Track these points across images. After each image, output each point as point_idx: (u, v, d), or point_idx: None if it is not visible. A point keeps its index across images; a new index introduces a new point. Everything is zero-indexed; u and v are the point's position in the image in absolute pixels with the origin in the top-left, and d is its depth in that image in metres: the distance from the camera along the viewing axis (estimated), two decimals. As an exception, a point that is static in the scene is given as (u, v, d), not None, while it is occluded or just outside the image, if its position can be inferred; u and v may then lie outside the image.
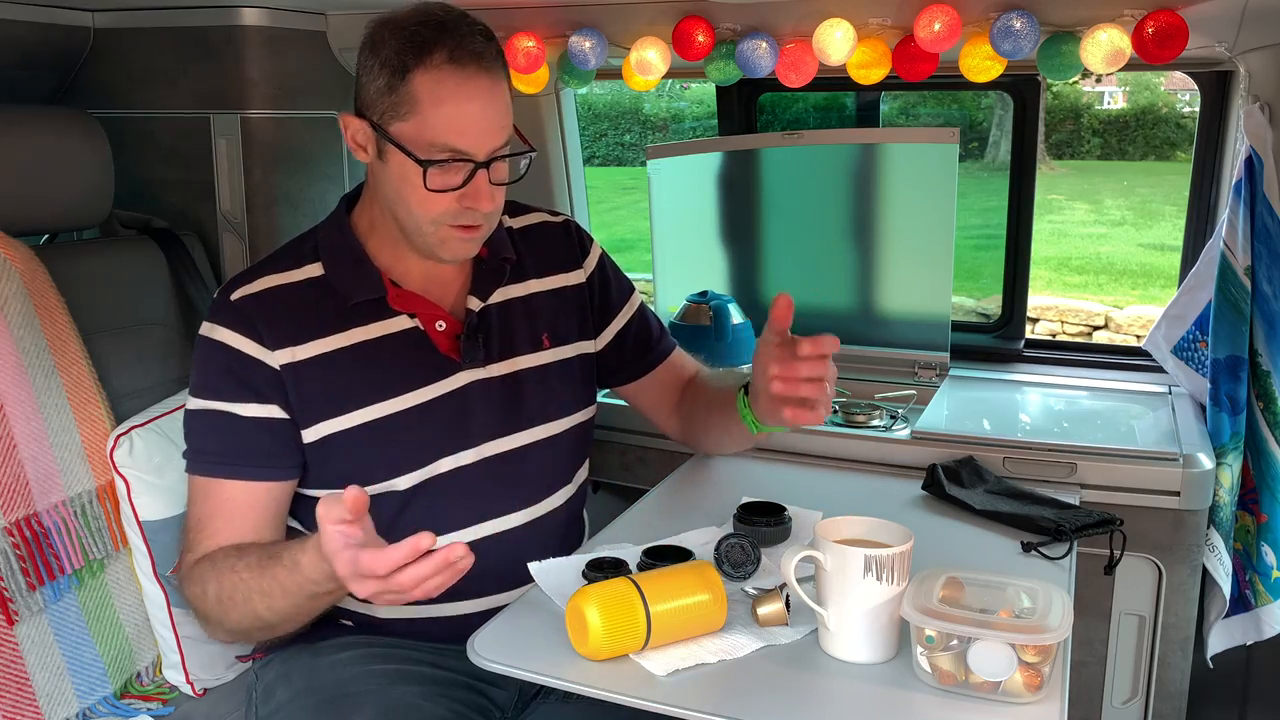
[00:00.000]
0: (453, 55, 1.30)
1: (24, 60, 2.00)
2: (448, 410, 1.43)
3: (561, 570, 1.30)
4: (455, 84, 1.30)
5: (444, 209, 1.34)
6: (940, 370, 2.22)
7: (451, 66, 1.30)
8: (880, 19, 1.79)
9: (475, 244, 1.42)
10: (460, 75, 1.30)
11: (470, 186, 1.33)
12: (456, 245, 1.39)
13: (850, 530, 1.17)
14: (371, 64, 1.33)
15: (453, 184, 1.32)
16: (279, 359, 1.37)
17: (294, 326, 1.39)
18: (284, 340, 1.38)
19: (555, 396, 1.53)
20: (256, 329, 1.37)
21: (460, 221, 1.36)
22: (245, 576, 1.28)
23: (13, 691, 1.45)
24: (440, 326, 1.44)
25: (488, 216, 1.38)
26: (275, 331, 1.38)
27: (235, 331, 1.37)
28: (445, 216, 1.35)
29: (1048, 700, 1.05)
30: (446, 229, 1.36)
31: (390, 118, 1.32)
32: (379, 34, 1.33)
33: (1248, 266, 1.81)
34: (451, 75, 1.30)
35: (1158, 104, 11.95)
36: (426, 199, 1.33)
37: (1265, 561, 1.84)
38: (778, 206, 2.42)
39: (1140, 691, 1.80)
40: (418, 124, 1.31)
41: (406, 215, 1.36)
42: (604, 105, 11.12)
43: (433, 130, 1.30)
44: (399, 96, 1.31)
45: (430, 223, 1.36)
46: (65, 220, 1.87)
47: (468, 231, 1.38)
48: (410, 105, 1.30)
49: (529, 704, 1.46)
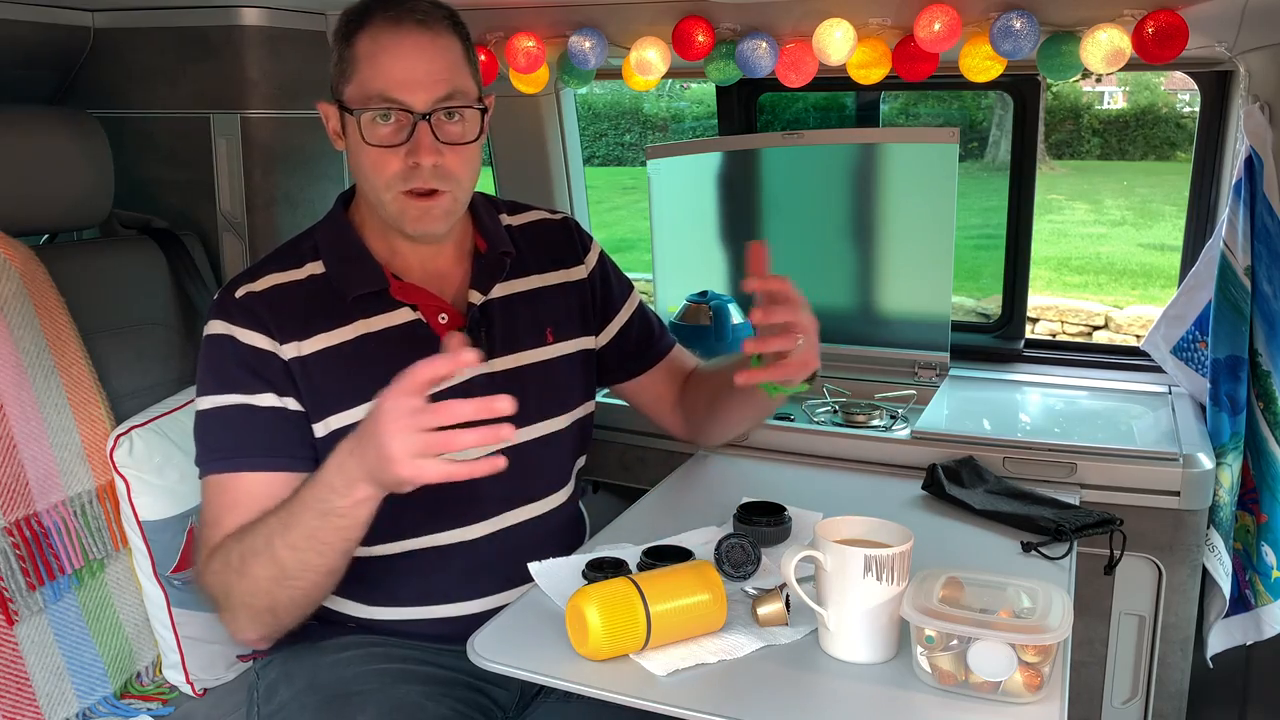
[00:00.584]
0: (393, 15, 1.34)
1: (24, 60, 2.00)
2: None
3: (561, 570, 1.31)
4: (389, 38, 1.33)
5: (394, 171, 1.35)
6: (940, 370, 2.22)
7: (389, 23, 1.33)
8: (880, 19, 1.79)
9: (436, 216, 1.38)
10: (396, 29, 1.33)
11: (413, 141, 1.33)
12: (415, 214, 1.37)
13: (850, 530, 1.17)
14: (331, 45, 1.39)
15: (395, 139, 1.34)
16: (287, 353, 1.37)
17: (299, 322, 1.38)
18: (290, 335, 1.38)
19: (558, 392, 1.53)
20: (264, 323, 1.37)
21: (411, 184, 1.35)
22: (267, 519, 1.26)
23: (13, 691, 1.45)
24: (443, 319, 1.44)
25: (439, 177, 1.36)
26: (282, 326, 1.38)
27: (243, 327, 1.37)
28: (396, 180, 1.35)
29: (1048, 700, 1.05)
30: (401, 197, 1.36)
31: (341, 86, 1.37)
32: (340, 18, 1.38)
33: (1248, 266, 1.81)
34: (386, 29, 1.33)
35: (1158, 104, 11.95)
36: (376, 161, 1.34)
37: (1265, 561, 1.84)
38: (778, 206, 2.42)
39: (1140, 691, 1.80)
40: (359, 82, 1.34)
41: (369, 187, 1.38)
42: (604, 105, 11.12)
43: (368, 82, 1.33)
44: (345, 63, 1.36)
45: (385, 189, 1.36)
46: (65, 220, 1.87)
47: (423, 200, 1.36)
48: (352, 66, 1.35)
49: (530, 704, 1.46)
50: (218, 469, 1.36)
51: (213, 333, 1.39)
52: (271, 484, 1.34)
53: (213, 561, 1.32)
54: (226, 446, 1.36)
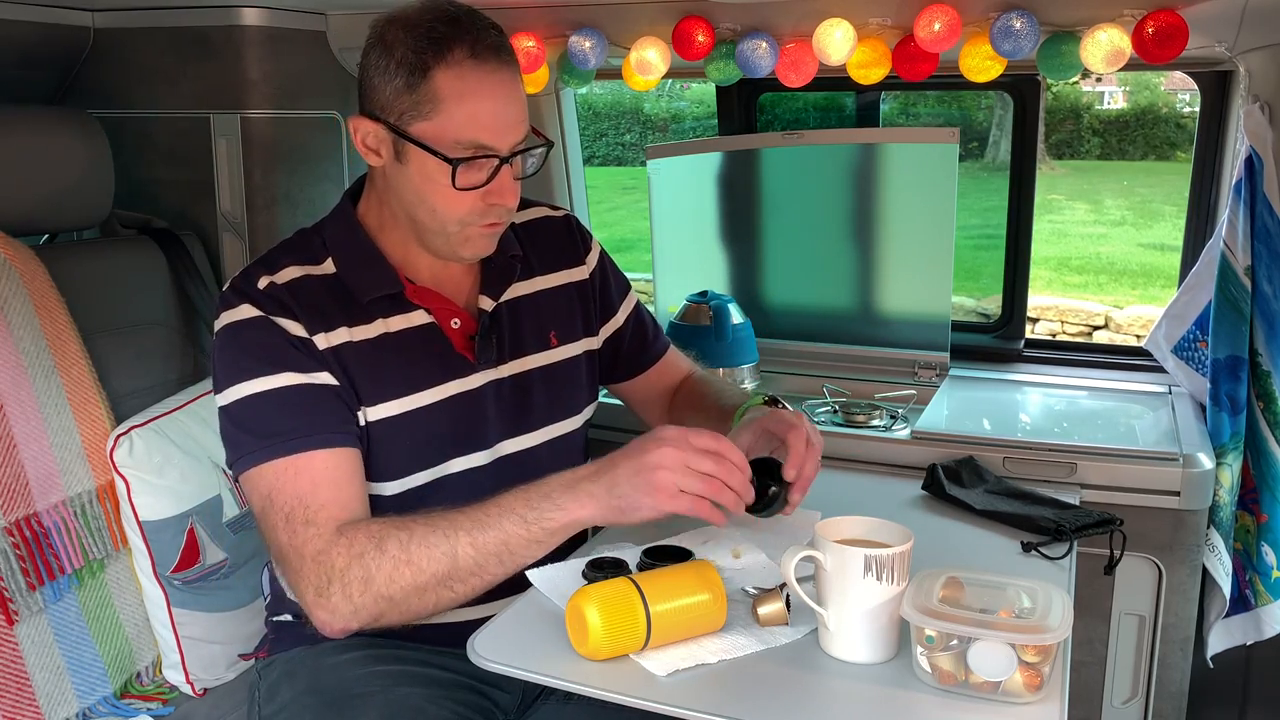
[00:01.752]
0: (474, 50, 1.29)
1: (24, 60, 2.00)
2: (462, 410, 1.42)
3: (561, 571, 1.30)
4: (478, 79, 1.29)
5: (470, 208, 1.33)
6: (940, 370, 2.22)
7: (474, 62, 1.29)
8: (880, 19, 1.80)
9: (495, 240, 1.41)
10: (482, 70, 1.29)
11: (495, 182, 1.32)
12: (480, 243, 1.39)
13: (850, 530, 1.17)
14: (385, 64, 1.30)
15: (478, 181, 1.32)
16: (319, 342, 1.34)
17: (323, 315, 1.36)
18: (317, 326, 1.34)
19: (563, 396, 1.53)
20: (294, 312, 1.34)
21: (486, 220, 1.35)
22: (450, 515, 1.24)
23: (13, 691, 1.45)
24: (455, 324, 1.44)
25: (511, 212, 1.38)
26: (310, 317, 1.34)
27: (276, 314, 1.33)
28: (472, 216, 1.34)
29: (1048, 700, 1.05)
30: (472, 228, 1.36)
31: (411, 118, 1.30)
32: (389, 34, 1.31)
33: (1248, 266, 1.81)
34: (474, 70, 1.29)
35: (1158, 104, 11.95)
36: (452, 198, 1.32)
37: (1265, 561, 1.84)
38: (778, 206, 2.42)
39: (1140, 691, 1.81)
40: (441, 122, 1.29)
41: (430, 217, 1.35)
42: (604, 105, 11.12)
43: (458, 127, 1.29)
44: (420, 95, 1.29)
45: (456, 223, 1.34)
46: (65, 220, 1.87)
47: (491, 229, 1.38)
48: (433, 104, 1.29)
49: (531, 706, 1.45)
50: (282, 452, 1.28)
51: (244, 317, 1.33)
52: (349, 460, 1.30)
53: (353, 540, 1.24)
54: (286, 430, 1.29)
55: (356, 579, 1.23)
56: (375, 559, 1.23)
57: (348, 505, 1.29)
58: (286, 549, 1.27)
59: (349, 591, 1.23)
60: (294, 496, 1.28)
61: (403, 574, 1.22)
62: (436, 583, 1.23)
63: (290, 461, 1.28)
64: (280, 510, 1.28)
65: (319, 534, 1.26)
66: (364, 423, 1.36)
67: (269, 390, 1.30)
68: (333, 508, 1.28)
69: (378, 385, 1.36)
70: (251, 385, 1.31)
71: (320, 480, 1.28)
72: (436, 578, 1.22)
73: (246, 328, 1.33)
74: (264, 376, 1.31)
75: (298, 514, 1.27)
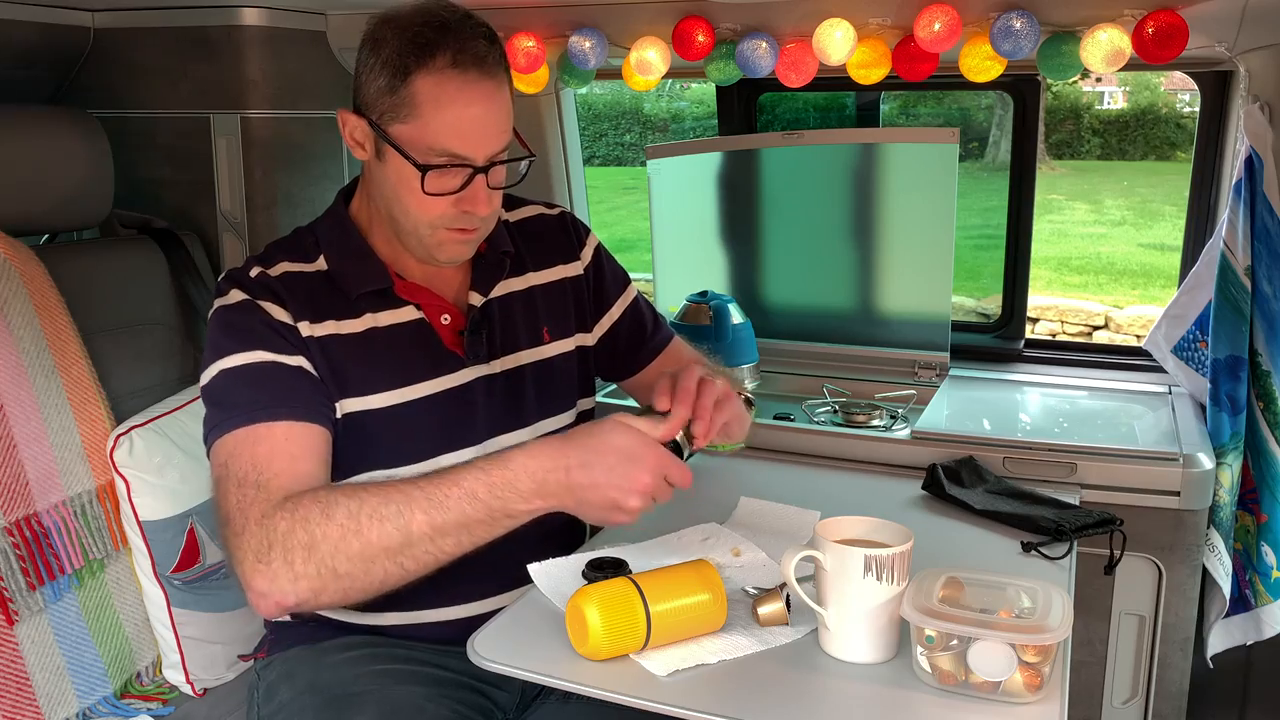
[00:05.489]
0: (456, 59, 1.28)
1: (24, 60, 2.00)
2: (452, 406, 1.43)
3: (561, 570, 1.30)
4: (457, 88, 1.29)
5: (441, 212, 1.34)
6: (940, 370, 2.22)
7: (454, 70, 1.28)
8: (880, 19, 1.80)
9: (471, 246, 1.42)
10: (462, 79, 1.29)
11: (468, 190, 1.33)
12: (453, 248, 1.39)
13: (850, 530, 1.17)
14: (372, 62, 1.32)
15: (450, 187, 1.32)
16: (303, 330, 1.35)
17: (310, 308, 1.37)
18: (304, 316, 1.36)
19: (556, 392, 1.53)
20: (283, 301, 1.36)
21: (457, 225, 1.36)
22: (404, 488, 1.19)
23: (13, 691, 1.45)
24: (445, 320, 1.44)
25: (485, 220, 1.38)
26: (297, 307, 1.36)
27: (265, 301, 1.35)
28: (442, 220, 1.35)
29: (1048, 700, 1.05)
30: (443, 232, 1.36)
31: (390, 119, 1.31)
32: (380, 32, 1.32)
33: (1248, 266, 1.81)
34: (454, 79, 1.29)
35: (1158, 104, 11.96)
36: (423, 202, 1.33)
37: (1265, 561, 1.84)
38: (778, 206, 2.42)
39: (1140, 691, 1.81)
40: (418, 127, 1.30)
41: (403, 216, 1.36)
42: (604, 105, 11.12)
43: (433, 134, 1.29)
44: (399, 98, 1.30)
45: (426, 226, 1.35)
46: (65, 220, 1.87)
47: (464, 234, 1.38)
48: (411, 108, 1.29)
49: (530, 705, 1.46)
50: (245, 420, 1.27)
51: (233, 300, 1.35)
52: (310, 435, 1.29)
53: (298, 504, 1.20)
54: (255, 400, 1.29)
55: (299, 544, 1.17)
56: (321, 525, 1.17)
57: (303, 479, 1.25)
58: (233, 511, 1.23)
59: (290, 558, 1.17)
60: (249, 462, 1.25)
61: (350, 544, 1.17)
62: (385, 556, 1.17)
63: (251, 430, 1.27)
64: (234, 476, 1.25)
65: (267, 498, 1.22)
66: (340, 414, 1.36)
67: (240, 365, 1.31)
68: (285, 478, 1.24)
69: (362, 378, 1.37)
70: (226, 361, 1.32)
71: (278, 450, 1.26)
72: (387, 551, 1.17)
73: (232, 310, 1.35)
74: (239, 353, 1.32)
75: (249, 478, 1.24)
